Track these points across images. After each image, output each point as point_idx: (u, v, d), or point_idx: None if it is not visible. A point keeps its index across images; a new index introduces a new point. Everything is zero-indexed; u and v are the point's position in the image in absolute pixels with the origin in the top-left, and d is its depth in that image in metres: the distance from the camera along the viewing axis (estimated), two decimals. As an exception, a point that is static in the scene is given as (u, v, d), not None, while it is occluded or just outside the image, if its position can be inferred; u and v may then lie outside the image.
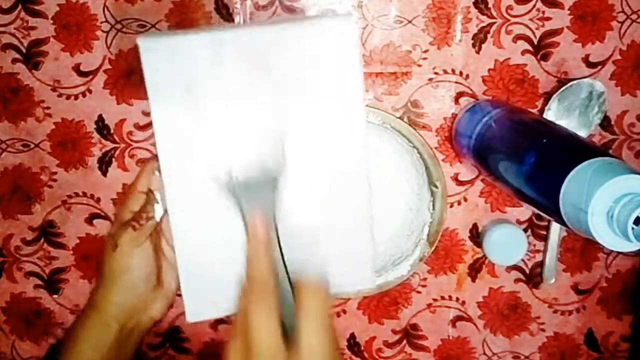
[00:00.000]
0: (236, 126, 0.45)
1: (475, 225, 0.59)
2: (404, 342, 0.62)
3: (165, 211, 0.48)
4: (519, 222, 0.59)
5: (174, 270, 0.48)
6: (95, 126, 0.58)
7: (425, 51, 0.56)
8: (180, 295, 0.46)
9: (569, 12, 0.55)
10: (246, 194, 0.39)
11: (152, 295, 0.51)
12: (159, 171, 0.46)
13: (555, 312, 0.61)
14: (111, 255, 0.48)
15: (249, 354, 0.33)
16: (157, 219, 0.49)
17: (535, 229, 0.59)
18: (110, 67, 0.57)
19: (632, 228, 0.34)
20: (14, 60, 0.56)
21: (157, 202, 0.48)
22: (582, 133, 0.55)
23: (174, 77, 0.44)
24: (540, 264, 0.59)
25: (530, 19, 0.55)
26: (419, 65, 0.56)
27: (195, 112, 0.45)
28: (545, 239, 0.59)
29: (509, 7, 0.55)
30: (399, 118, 0.55)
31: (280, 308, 0.34)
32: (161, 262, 0.51)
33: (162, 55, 0.44)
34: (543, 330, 0.61)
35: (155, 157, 0.45)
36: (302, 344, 0.33)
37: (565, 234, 0.59)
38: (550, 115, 0.55)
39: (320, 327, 0.33)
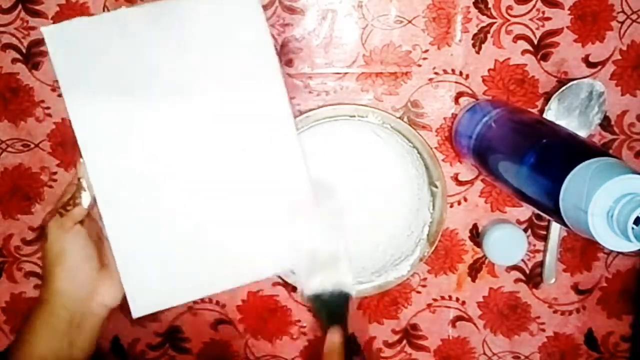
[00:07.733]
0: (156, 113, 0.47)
1: (475, 225, 0.59)
2: (404, 342, 0.62)
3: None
4: (519, 222, 0.59)
5: None
6: (95, 126, 0.58)
7: (425, 51, 0.56)
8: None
9: (569, 12, 0.55)
10: (325, 307, 0.47)
11: (99, 281, 0.49)
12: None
13: (555, 312, 0.61)
14: (45, 246, 0.48)
15: None
16: (85, 206, 0.48)
17: (535, 229, 0.59)
18: (110, 67, 0.57)
19: (632, 228, 0.34)
20: (14, 60, 0.56)
21: (84, 190, 0.48)
22: (582, 133, 0.55)
23: (84, 62, 0.45)
24: (540, 264, 0.60)
25: (530, 19, 0.55)
26: (419, 65, 0.56)
27: (111, 96, 0.46)
28: (545, 239, 0.59)
29: (509, 7, 0.55)
30: (399, 118, 0.55)
31: None
32: (104, 247, 0.49)
33: (68, 41, 0.44)
34: (543, 330, 0.61)
35: None
36: None
37: (565, 234, 0.59)
38: (550, 115, 0.55)
39: None
